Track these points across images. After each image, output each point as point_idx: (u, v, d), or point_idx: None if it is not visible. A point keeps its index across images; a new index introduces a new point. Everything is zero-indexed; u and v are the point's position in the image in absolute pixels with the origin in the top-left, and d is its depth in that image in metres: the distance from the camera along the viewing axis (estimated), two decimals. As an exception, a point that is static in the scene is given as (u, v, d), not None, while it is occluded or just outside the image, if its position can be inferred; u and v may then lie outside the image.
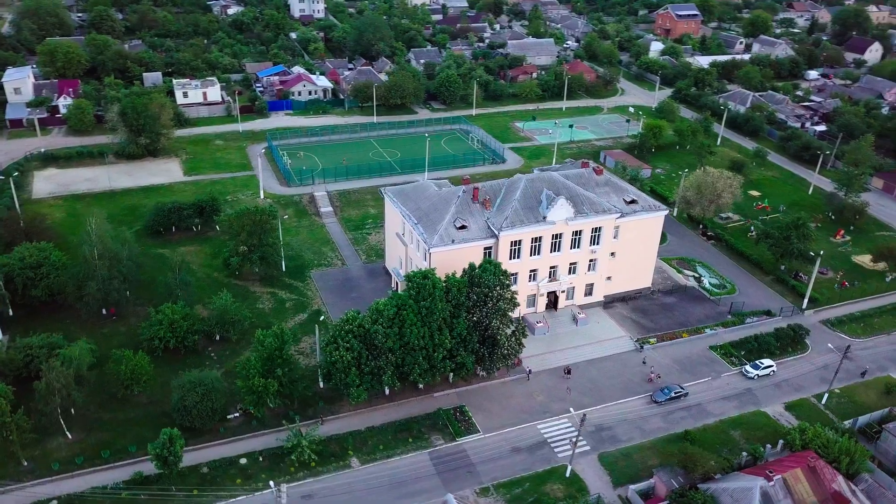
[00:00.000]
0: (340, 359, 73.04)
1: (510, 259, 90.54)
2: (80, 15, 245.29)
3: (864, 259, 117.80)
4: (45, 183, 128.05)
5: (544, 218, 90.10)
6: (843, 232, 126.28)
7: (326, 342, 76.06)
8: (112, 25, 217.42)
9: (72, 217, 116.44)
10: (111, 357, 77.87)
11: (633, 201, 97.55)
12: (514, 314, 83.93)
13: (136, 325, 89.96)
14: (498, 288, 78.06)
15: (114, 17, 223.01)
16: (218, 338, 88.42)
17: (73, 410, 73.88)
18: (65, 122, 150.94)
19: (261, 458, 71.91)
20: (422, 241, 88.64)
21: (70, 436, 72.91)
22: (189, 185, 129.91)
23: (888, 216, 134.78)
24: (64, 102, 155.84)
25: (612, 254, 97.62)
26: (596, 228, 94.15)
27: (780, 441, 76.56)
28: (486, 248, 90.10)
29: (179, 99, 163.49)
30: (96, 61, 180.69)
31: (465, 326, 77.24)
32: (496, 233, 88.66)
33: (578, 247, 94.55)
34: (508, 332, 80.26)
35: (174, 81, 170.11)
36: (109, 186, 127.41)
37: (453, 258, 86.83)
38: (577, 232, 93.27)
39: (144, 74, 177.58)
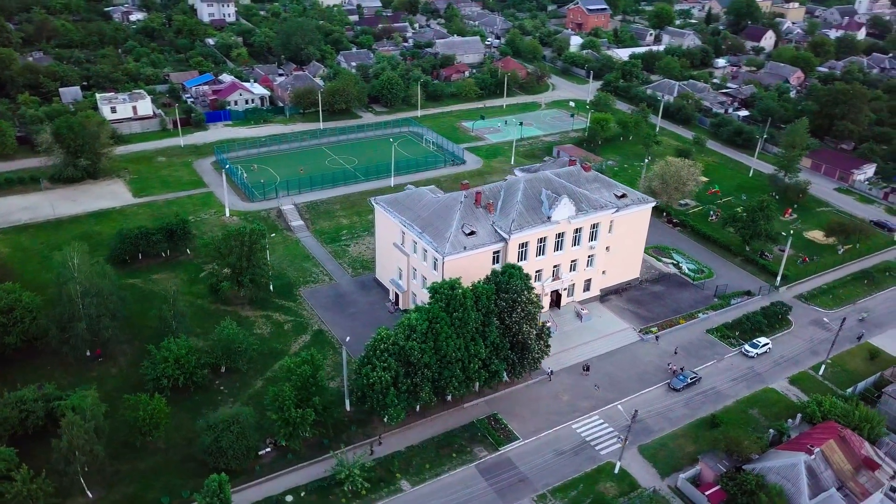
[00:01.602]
0: (379, 379, 70.32)
1: (517, 261, 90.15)
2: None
3: (816, 235, 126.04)
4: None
5: (549, 218, 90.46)
6: (790, 210, 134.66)
7: (360, 363, 73.00)
8: (7, 37, 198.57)
9: (18, 251, 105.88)
10: (123, 402, 71.34)
11: (623, 195, 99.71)
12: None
13: (127, 365, 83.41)
14: (525, 292, 77.65)
15: (8, 28, 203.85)
16: (224, 369, 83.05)
17: (86, 466, 67.01)
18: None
19: (303, 494, 68.23)
20: (432, 250, 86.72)
21: (90, 494, 66.32)
22: (142, 208, 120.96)
23: (822, 193, 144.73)
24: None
25: (607, 248, 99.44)
26: (594, 224, 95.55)
27: (798, 415, 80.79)
28: (494, 253, 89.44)
29: (107, 115, 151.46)
30: (3, 77, 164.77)
31: (497, 334, 76.34)
32: (505, 236, 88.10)
33: (578, 244, 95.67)
34: (534, 334, 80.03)
35: (98, 96, 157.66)
36: (53, 214, 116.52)
37: (465, 265, 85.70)
38: (577, 230, 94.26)
39: (61, 90, 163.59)
